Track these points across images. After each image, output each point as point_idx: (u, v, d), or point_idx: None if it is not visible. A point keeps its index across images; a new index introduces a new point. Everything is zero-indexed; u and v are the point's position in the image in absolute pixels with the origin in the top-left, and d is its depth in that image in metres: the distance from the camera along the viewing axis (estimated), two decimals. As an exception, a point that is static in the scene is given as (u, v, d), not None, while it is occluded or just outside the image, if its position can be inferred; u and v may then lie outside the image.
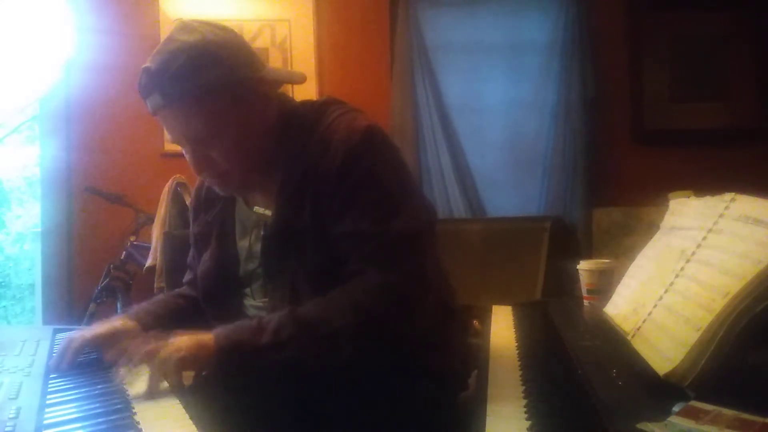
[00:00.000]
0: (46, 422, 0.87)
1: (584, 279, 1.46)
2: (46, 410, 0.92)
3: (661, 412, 0.71)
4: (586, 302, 1.45)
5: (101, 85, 3.17)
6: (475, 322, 1.54)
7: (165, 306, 1.38)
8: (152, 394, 0.99)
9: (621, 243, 2.78)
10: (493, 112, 3.38)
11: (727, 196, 0.95)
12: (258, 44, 3.25)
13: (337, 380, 1.11)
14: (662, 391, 0.79)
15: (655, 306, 0.97)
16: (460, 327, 1.38)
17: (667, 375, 0.80)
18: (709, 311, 0.80)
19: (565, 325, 1.25)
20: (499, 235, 2.92)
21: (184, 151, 1.21)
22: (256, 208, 1.29)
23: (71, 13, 3.20)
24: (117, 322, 1.26)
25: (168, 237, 2.67)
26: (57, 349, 1.19)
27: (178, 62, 1.11)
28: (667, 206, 1.22)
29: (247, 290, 1.30)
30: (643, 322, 0.98)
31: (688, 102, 3.35)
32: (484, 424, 0.84)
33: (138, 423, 0.87)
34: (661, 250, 1.14)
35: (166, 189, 3.01)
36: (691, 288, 0.90)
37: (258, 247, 1.26)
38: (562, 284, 2.22)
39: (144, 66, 1.14)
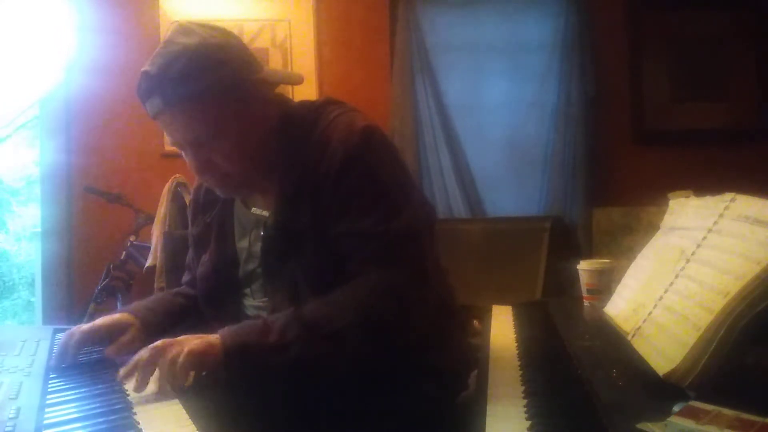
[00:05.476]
0: (46, 422, 0.87)
1: (584, 279, 1.46)
2: (46, 410, 0.92)
3: (661, 412, 0.71)
4: (586, 302, 1.45)
5: (101, 85, 3.17)
6: (475, 322, 1.54)
7: (164, 303, 1.38)
8: (161, 395, 0.99)
9: (621, 243, 2.79)
10: (493, 112, 3.38)
11: (727, 196, 0.95)
12: (258, 44, 3.25)
13: (337, 380, 1.11)
14: (662, 391, 0.79)
15: (655, 306, 0.97)
16: (460, 327, 1.38)
17: (667, 375, 0.80)
18: (709, 311, 0.80)
19: (565, 325, 1.25)
20: (499, 235, 2.92)
21: (184, 154, 1.21)
22: (255, 209, 1.29)
23: (72, 14, 3.20)
24: (115, 316, 1.26)
25: (168, 237, 2.68)
26: (57, 346, 1.19)
27: (177, 66, 1.11)
28: (667, 206, 1.22)
29: (247, 290, 1.30)
30: (643, 322, 0.98)
31: (688, 102, 3.35)
32: (484, 424, 0.84)
33: (138, 423, 0.87)
34: (661, 250, 1.14)
35: (166, 189, 3.01)
36: (691, 288, 0.90)
37: (257, 248, 1.26)
38: (562, 284, 2.22)
39: (143, 69, 1.14)
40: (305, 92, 2.92)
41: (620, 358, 0.94)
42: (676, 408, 0.72)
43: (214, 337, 1.07)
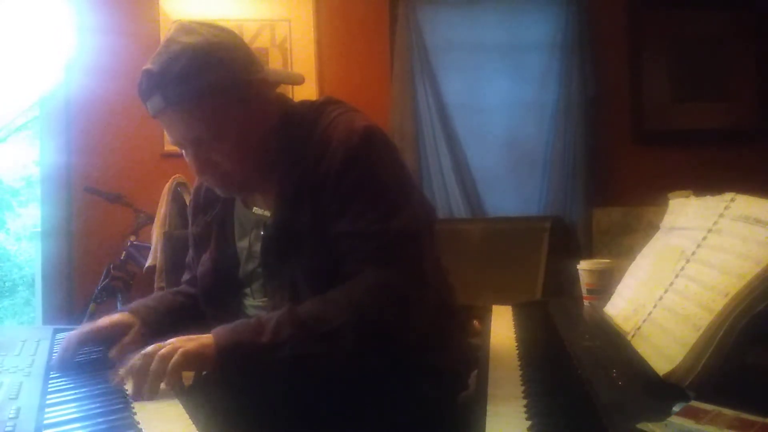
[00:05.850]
0: (46, 422, 0.87)
1: (584, 279, 1.46)
2: (46, 410, 0.92)
3: (661, 412, 0.71)
4: (586, 302, 1.45)
5: (101, 85, 3.17)
6: (475, 322, 1.54)
7: (164, 303, 1.38)
8: (152, 395, 0.99)
9: (621, 243, 2.79)
10: (493, 112, 3.38)
11: (727, 196, 0.95)
12: (258, 44, 3.25)
13: (337, 380, 1.11)
14: (662, 391, 0.79)
15: (655, 306, 0.97)
16: (460, 327, 1.38)
17: (667, 375, 0.80)
18: (709, 311, 0.80)
19: (565, 325, 1.25)
20: (499, 235, 2.92)
21: (184, 153, 1.21)
22: (255, 209, 1.29)
23: (71, 13, 3.20)
24: (116, 317, 1.26)
25: (168, 237, 2.67)
26: (58, 347, 1.19)
27: (179, 64, 1.11)
28: (667, 206, 1.22)
29: (247, 290, 1.30)
30: (643, 322, 0.98)
31: (688, 102, 3.35)
32: (484, 424, 0.84)
33: (138, 423, 0.87)
34: (661, 250, 1.14)
35: (166, 189, 3.01)
36: (691, 288, 0.90)
37: (257, 247, 1.26)
38: (562, 284, 2.22)
39: (144, 68, 1.14)
40: (305, 92, 2.92)
41: (620, 358, 0.94)
42: (676, 408, 0.71)
43: (207, 337, 1.07)
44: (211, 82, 1.12)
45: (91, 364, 1.18)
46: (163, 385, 1.01)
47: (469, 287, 1.55)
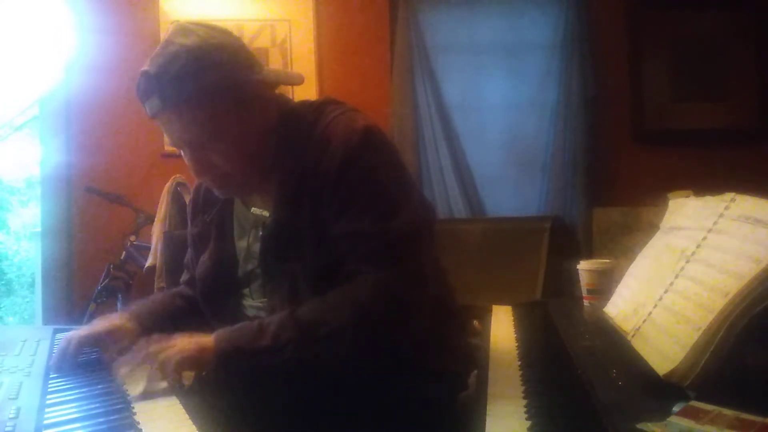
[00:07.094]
0: (46, 422, 0.87)
1: (584, 279, 1.46)
2: (46, 410, 0.92)
3: (661, 412, 0.71)
4: (586, 302, 1.45)
5: (101, 85, 3.17)
6: (475, 322, 1.54)
7: (163, 305, 1.38)
8: (150, 394, 0.99)
9: (621, 243, 2.78)
10: (493, 112, 3.38)
11: (727, 196, 0.95)
12: (258, 44, 3.25)
13: (337, 380, 1.11)
14: (662, 391, 0.79)
15: (655, 306, 0.97)
16: (460, 327, 1.38)
17: (667, 375, 0.80)
18: (709, 311, 0.80)
19: (565, 325, 1.25)
20: (499, 235, 2.92)
21: (183, 154, 1.21)
22: (254, 209, 1.29)
23: (71, 13, 3.20)
24: (115, 320, 1.26)
25: (168, 237, 2.68)
26: (57, 348, 1.19)
27: (177, 65, 1.11)
28: (667, 206, 1.22)
29: (246, 290, 1.30)
30: (643, 322, 0.98)
31: (688, 102, 3.35)
32: (484, 424, 0.84)
33: (138, 423, 0.87)
34: (661, 250, 1.14)
35: (166, 189, 3.01)
36: (691, 288, 0.90)
37: (256, 248, 1.26)
38: (562, 284, 2.22)
39: (142, 69, 1.14)
40: (305, 92, 2.92)
41: (620, 358, 0.94)
42: (676, 408, 0.72)
43: (207, 340, 1.07)
44: (208, 83, 1.12)
45: (91, 364, 1.18)
46: (163, 384, 1.01)
47: (469, 287, 1.55)
